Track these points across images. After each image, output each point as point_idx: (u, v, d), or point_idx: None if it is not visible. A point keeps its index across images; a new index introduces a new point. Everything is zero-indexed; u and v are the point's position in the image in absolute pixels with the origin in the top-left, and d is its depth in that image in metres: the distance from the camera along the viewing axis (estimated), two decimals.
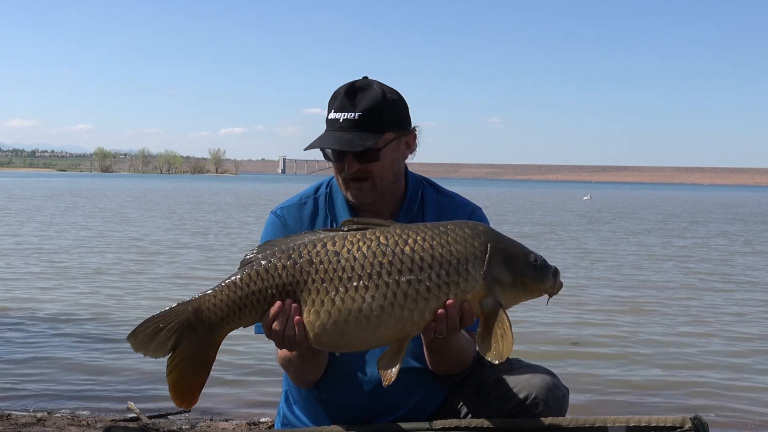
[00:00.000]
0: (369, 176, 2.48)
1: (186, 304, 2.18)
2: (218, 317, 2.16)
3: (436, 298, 2.11)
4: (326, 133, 2.47)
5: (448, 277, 2.11)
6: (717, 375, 6.18)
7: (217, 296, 2.16)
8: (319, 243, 2.15)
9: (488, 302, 2.14)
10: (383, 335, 2.12)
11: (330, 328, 2.11)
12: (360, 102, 2.45)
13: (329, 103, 2.52)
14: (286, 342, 2.16)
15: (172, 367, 2.16)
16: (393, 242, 2.13)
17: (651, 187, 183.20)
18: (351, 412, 2.58)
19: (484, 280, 2.13)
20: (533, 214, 32.82)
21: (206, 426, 4.41)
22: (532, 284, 2.18)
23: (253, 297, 2.15)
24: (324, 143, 2.45)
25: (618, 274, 12.44)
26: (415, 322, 2.11)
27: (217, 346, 2.20)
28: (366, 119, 2.44)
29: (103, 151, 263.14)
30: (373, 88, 2.48)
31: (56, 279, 10.63)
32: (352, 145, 2.42)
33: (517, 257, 2.18)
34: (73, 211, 28.45)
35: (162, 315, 2.17)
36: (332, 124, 2.46)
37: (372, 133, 2.44)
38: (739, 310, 9.25)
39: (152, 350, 2.15)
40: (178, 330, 2.15)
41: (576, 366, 6.29)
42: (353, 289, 2.09)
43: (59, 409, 4.84)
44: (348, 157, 2.46)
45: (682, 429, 2.39)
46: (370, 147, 2.43)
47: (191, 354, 2.16)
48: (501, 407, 2.48)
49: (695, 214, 36.55)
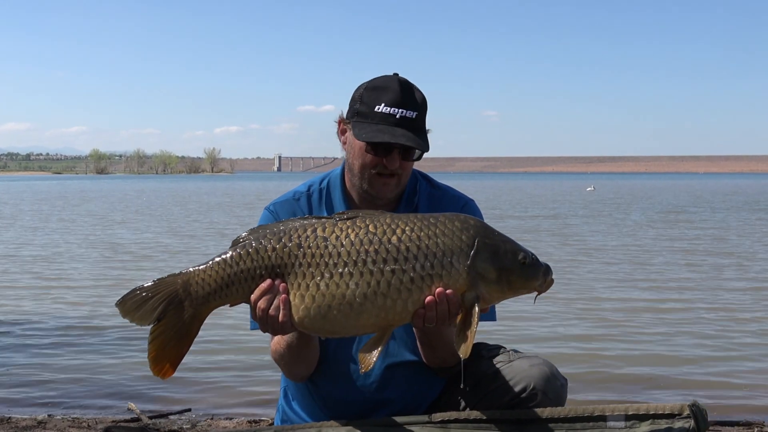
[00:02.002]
0: (400, 173, 2.51)
1: (176, 276, 2.23)
2: (206, 292, 2.20)
3: (419, 289, 2.13)
4: (384, 127, 2.44)
5: (432, 269, 2.13)
6: (715, 363, 6.19)
7: (206, 271, 2.21)
8: (309, 228, 2.19)
9: (469, 296, 2.16)
10: (366, 323, 2.14)
11: (314, 312, 2.14)
12: (414, 102, 2.48)
13: (372, 93, 2.47)
14: (270, 322, 2.19)
15: (154, 336, 2.21)
16: (381, 231, 2.15)
17: (648, 176, 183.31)
18: (349, 406, 2.59)
19: (468, 275, 2.14)
20: (541, 207, 32.78)
21: (207, 425, 4.42)
22: (518, 282, 2.18)
23: (241, 275, 2.20)
24: (393, 137, 2.42)
25: (648, 270, 12.44)
26: (397, 311, 2.13)
27: (202, 320, 2.25)
28: (420, 120, 2.49)
29: (98, 153, 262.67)
30: (417, 89, 2.52)
31: (53, 283, 10.62)
32: (419, 145, 2.45)
33: (505, 253, 2.18)
34: (71, 212, 28.42)
35: (152, 285, 2.22)
36: (387, 118, 2.44)
37: (424, 134, 2.50)
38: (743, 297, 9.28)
39: (139, 318, 2.21)
40: (165, 300, 2.20)
41: (574, 356, 6.30)
42: (338, 275, 2.12)
43: (60, 411, 4.85)
44: (394, 154, 2.46)
45: (680, 416, 2.41)
46: (424, 151, 2.48)
47: (175, 325, 2.21)
48: (500, 398, 2.49)
49: (711, 202, 36.64)
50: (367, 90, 2.50)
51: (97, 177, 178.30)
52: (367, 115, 2.46)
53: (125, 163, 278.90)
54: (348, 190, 2.63)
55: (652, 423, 2.40)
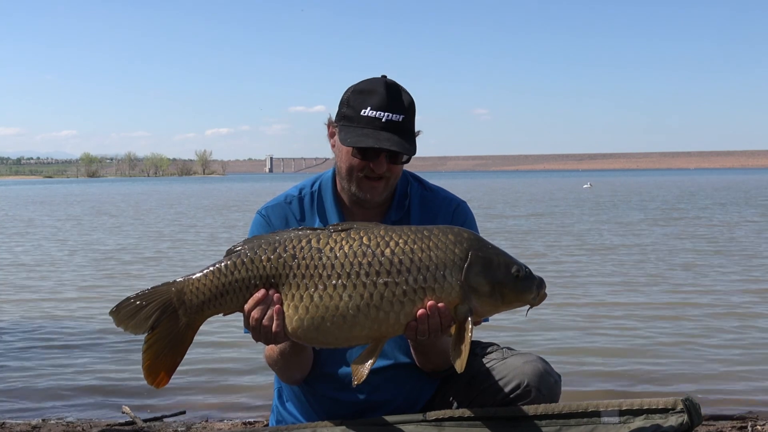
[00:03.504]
0: (388, 176, 2.49)
1: (170, 284, 2.22)
2: (200, 301, 2.20)
3: (412, 302, 2.13)
4: (370, 131, 2.41)
5: (425, 282, 2.13)
6: (709, 358, 6.21)
7: (200, 280, 2.21)
8: (304, 239, 2.19)
9: (462, 310, 2.16)
10: (359, 334, 2.15)
11: (307, 323, 2.14)
12: (401, 105, 2.44)
13: (359, 96, 2.45)
14: (263, 332, 2.19)
15: (148, 345, 2.20)
16: (375, 243, 2.15)
17: (639, 173, 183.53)
18: (343, 406, 2.59)
19: (461, 288, 2.14)
20: (545, 204, 32.81)
21: (201, 427, 4.41)
22: (511, 295, 2.18)
23: (235, 284, 2.20)
24: (377, 142, 2.39)
25: (666, 267, 12.47)
26: (390, 324, 2.13)
27: (195, 329, 2.24)
28: (407, 123, 2.46)
29: (89, 156, 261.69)
30: (405, 91, 2.49)
31: (45, 287, 10.58)
32: (405, 149, 2.42)
33: (498, 267, 2.17)
34: (62, 215, 28.34)
35: (145, 293, 2.22)
36: (372, 122, 2.41)
37: (412, 137, 2.46)
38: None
39: (132, 326, 2.20)
40: (159, 309, 2.20)
41: (568, 352, 6.31)
42: (332, 287, 2.12)
43: (54, 415, 4.83)
44: (381, 158, 2.44)
45: (674, 411, 2.42)
46: (411, 155, 2.45)
47: (169, 334, 2.21)
48: (494, 396, 2.49)
49: (713, 197, 36.71)
50: (353, 93, 2.48)
51: (88, 180, 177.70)
52: (353, 118, 2.44)
53: (116, 167, 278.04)
54: (339, 193, 2.62)
55: (646, 418, 2.41)
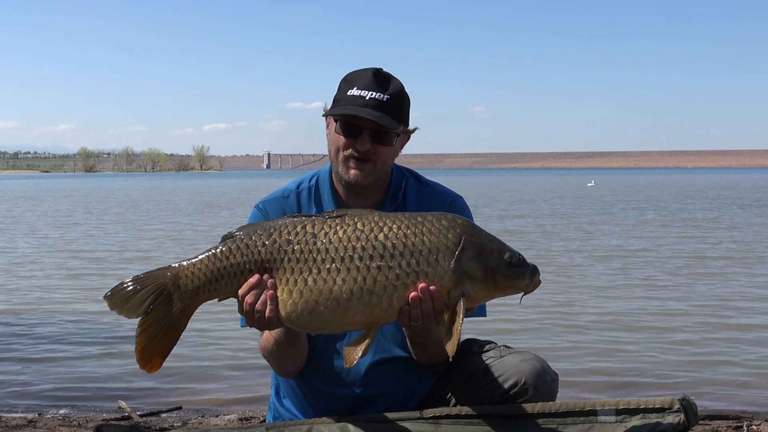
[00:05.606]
0: (374, 159, 2.50)
1: (165, 269, 2.23)
2: (195, 285, 2.21)
3: (405, 286, 2.14)
4: (352, 107, 2.45)
5: (418, 266, 2.15)
6: (706, 357, 6.22)
7: (196, 265, 2.21)
8: (299, 225, 2.20)
9: (455, 294, 2.17)
10: (352, 319, 2.16)
11: (301, 308, 2.15)
12: (387, 86, 2.49)
13: (347, 82, 2.52)
14: (257, 317, 2.19)
15: (142, 329, 2.21)
16: (369, 228, 2.17)
17: (638, 171, 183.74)
18: (339, 401, 2.59)
19: (453, 273, 2.15)
20: (555, 203, 32.83)
21: (198, 422, 4.41)
22: (504, 281, 2.19)
23: (231, 269, 2.20)
24: (356, 111, 2.43)
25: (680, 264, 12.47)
26: (383, 308, 2.15)
27: (190, 314, 2.24)
28: (392, 104, 2.48)
29: (87, 151, 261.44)
30: (395, 79, 2.53)
31: (42, 281, 10.58)
32: (383, 121, 2.43)
33: (491, 253, 2.18)
34: (61, 210, 28.32)
35: (140, 277, 2.22)
36: (356, 99, 2.45)
37: (397, 116, 2.48)
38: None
39: (127, 310, 2.20)
40: (154, 293, 2.20)
41: (566, 351, 6.32)
42: (326, 271, 2.14)
43: (50, 410, 4.83)
44: (364, 135, 2.46)
45: (670, 410, 2.42)
46: (393, 130, 2.47)
47: (163, 319, 2.21)
48: (491, 393, 2.49)
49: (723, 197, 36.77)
50: (343, 80, 2.55)
51: (85, 175, 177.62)
52: (339, 100, 2.51)
53: (114, 161, 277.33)
54: (336, 186, 2.64)
55: (642, 417, 2.42)
